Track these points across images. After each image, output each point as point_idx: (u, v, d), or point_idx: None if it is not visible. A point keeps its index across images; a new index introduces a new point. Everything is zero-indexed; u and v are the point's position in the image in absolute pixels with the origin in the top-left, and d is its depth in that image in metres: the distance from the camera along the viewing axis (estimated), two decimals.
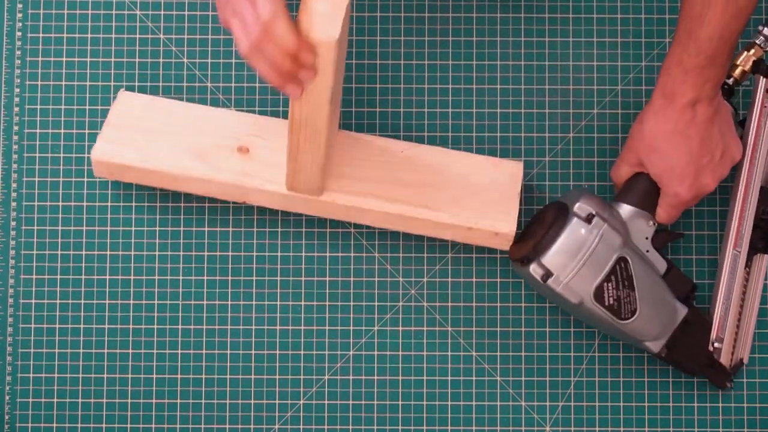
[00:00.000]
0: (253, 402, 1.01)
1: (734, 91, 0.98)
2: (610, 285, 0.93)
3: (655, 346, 0.95)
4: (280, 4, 0.79)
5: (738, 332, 0.99)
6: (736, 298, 0.98)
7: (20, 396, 1.01)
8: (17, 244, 1.02)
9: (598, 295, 0.93)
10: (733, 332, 0.99)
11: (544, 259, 0.92)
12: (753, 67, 0.98)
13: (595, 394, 1.01)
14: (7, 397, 1.01)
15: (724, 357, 0.98)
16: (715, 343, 0.97)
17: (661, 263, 0.96)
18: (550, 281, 0.92)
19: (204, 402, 1.01)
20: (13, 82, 1.03)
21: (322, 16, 0.81)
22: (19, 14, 1.04)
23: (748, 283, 0.99)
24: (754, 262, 0.99)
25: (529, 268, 0.93)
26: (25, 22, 1.04)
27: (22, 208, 1.02)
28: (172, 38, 1.03)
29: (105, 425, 1.01)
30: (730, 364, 0.98)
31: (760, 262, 0.99)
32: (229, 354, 1.01)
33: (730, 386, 0.98)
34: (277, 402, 1.01)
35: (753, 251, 0.99)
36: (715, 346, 0.97)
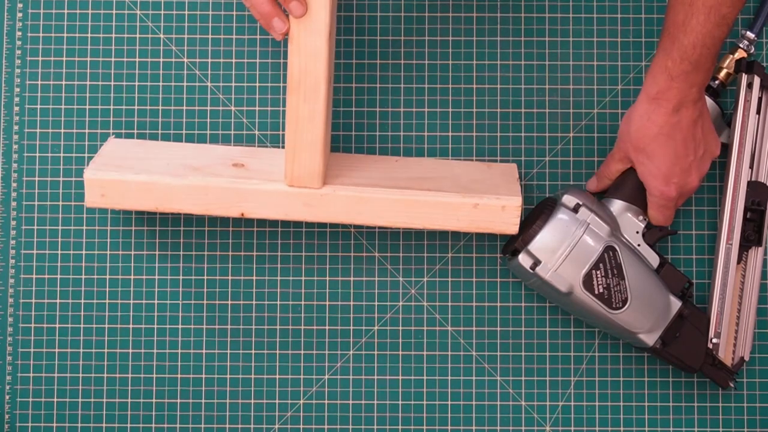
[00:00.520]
0: (253, 402, 1.01)
1: (720, 92, 1.00)
2: (598, 273, 0.93)
3: (649, 339, 0.95)
4: None
5: (738, 330, 0.99)
6: (733, 293, 0.99)
7: (20, 396, 1.01)
8: (17, 244, 1.02)
9: (588, 283, 0.93)
10: (733, 329, 0.99)
11: (531, 248, 0.93)
12: (735, 66, 0.99)
13: (595, 394, 1.01)
14: (7, 397, 1.01)
15: (724, 354, 0.98)
16: (714, 339, 0.97)
17: (654, 258, 0.96)
18: (538, 269, 0.93)
19: (204, 402, 1.01)
20: (13, 82, 1.03)
21: None
22: (19, 14, 1.04)
23: (746, 278, 0.99)
24: (750, 255, 0.99)
25: (518, 259, 0.94)
26: (25, 22, 1.04)
27: (22, 208, 1.02)
28: (172, 38, 1.03)
29: (105, 425, 1.01)
30: (732, 363, 0.98)
31: (756, 255, 0.99)
32: (229, 354, 1.01)
33: (732, 385, 0.98)
34: (277, 402, 1.01)
35: (747, 244, 0.99)
36: (713, 342, 0.97)
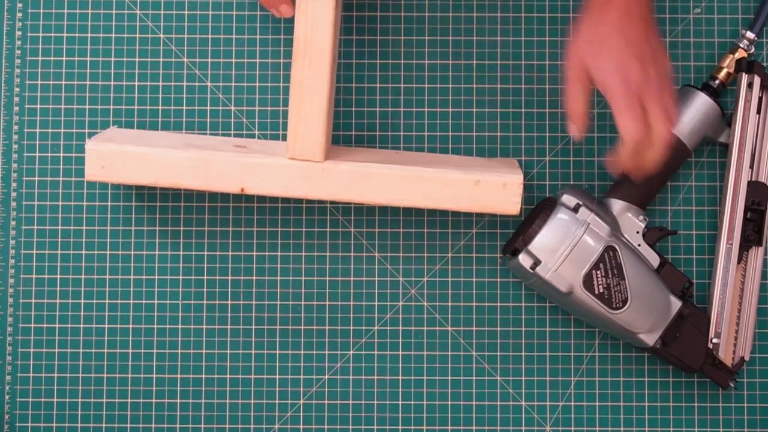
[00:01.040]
0: (253, 402, 1.01)
1: (720, 93, 1.00)
2: (599, 273, 0.93)
3: (649, 339, 0.95)
4: None
5: (738, 329, 0.99)
6: (734, 293, 0.99)
7: (20, 396, 1.01)
8: (17, 244, 1.02)
9: (588, 283, 0.93)
10: (734, 329, 0.99)
11: (532, 248, 0.93)
12: (735, 66, 0.99)
13: (595, 394, 1.01)
14: (7, 397, 1.01)
15: (725, 354, 0.98)
16: (714, 339, 0.97)
17: (654, 258, 0.96)
18: (538, 269, 0.93)
19: (204, 402, 1.01)
20: (13, 82, 1.03)
21: None
22: (19, 14, 1.04)
23: (746, 278, 0.99)
24: (750, 255, 0.99)
25: (518, 259, 0.94)
26: (25, 22, 1.04)
27: (22, 208, 1.02)
28: (172, 38, 1.03)
29: (105, 425, 1.01)
30: (732, 363, 0.98)
31: (756, 255, 0.99)
32: (229, 354, 1.01)
33: (732, 385, 0.98)
34: (277, 402, 1.01)
35: (747, 244, 0.99)
36: (713, 342, 0.97)
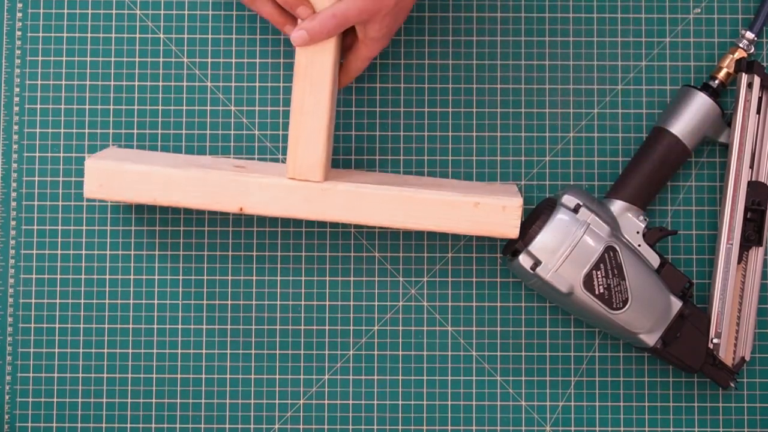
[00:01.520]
0: (253, 402, 1.01)
1: (720, 93, 1.00)
2: (599, 273, 0.93)
3: (649, 339, 0.95)
4: None
5: (738, 329, 0.99)
6: (734, 293, 0.99)
7: (20, 396, 1.01)
8: (17, 244, 1.02)
9: (588, 284, 0.93)
10: (734, 329, 0.99)
11: (532, 248, 0.93)
12: (735, 66, 0.99)
13: (595, 394, 1.01)
14: (7, 397, 1.01)
15: (725, 354, 0.98)
16: (714, 339, 0.97)
17: (654, 258, 0.96)
18: (539, 270, 0.93)
19: (204, 402, 1.01)
20: (13, 82, 1.03)
21: None
22: (19, 14, 1.04)
23: (746, 278, 0.99)
24: (750, 255, 0.99)
25: (518, 260, 0.94)
26: (25, 22, 1.04)
27: (22, 208, 1.02)
28: (172, 38, 1.03)
29: (105, 425, 1.01)
30: (732, 363, 0.98)
31: (756, 256, 0.99)
32: (229, 354, 1.01)
33: (733, 385, 0.98)
34: (277, 402, 1.01)
35: (747, 244, 0.99)
36: (714, 342, 0.97)
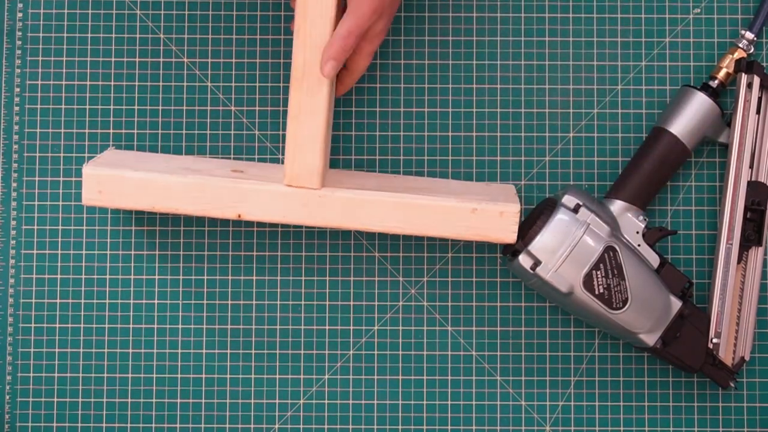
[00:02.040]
0: (253, 402, 1.01)
1: (720, 93, 1.00)
2: (599, 273, 0.93)
3: (649, 339, 0.95)
4: None
5: (738, 329, 0.99)
6: (734, 293, 0.99)
7: (20, 396, 1.01)
8: (17, 244, 1.02)
9: (588, 283, 0.93)
10: (734, 329, 0.99)
11: (532, 248, 0.93)
12: (735, 66, 0.99)
13: (595, 394, 1.01)
14: (7, 397, 1.01)
15: (725, 354, 0.98)
16: (714, 339, 0.97)
17: (654, 258, 0.96)
18: (539, 270, 0.93)
19: (204, 402, 1.01)
20: (13, 82, 1.03)
21: None
22: (19, 14, 1.04)
23: (746, 278, 0.99)
24: (750, 255, 0.99)
25: (518, 260, 0.94)
26: (25, 22, 1.04)
27: (22, 208, 1.02)
28: (172, 38, 1.03)
29: (105, 425, 1.01)
30: (732, 363, 0.98)
31: (756, 255, 0.99)
32: (229, 354, 1.01)
33: (732, 385, 0.98)
34: (277, 402, 1.01)
35: (747, 244, 0.99)
36: (714, 342, 0.97)
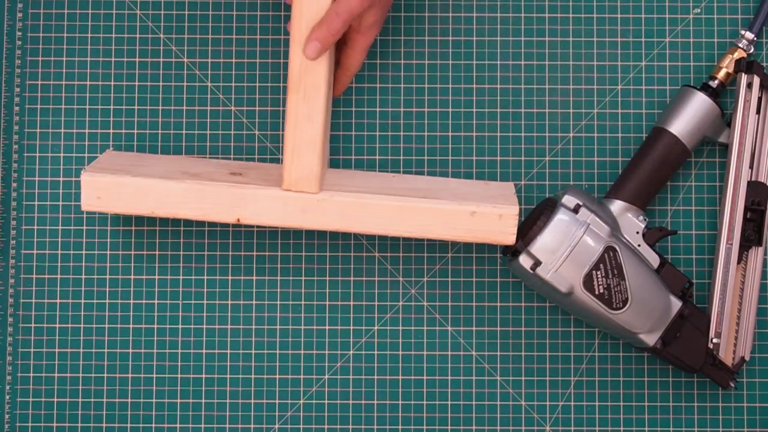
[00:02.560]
0: (253, 402, 1.01)
1: (720, 93, 1.00)
2: (599, 273, 0.93)
3: (649, 339, 0.95)
4: None
5: (738, 329, 0.99)
6: (734, 293, 0.99)
7: (20, 396, 1.01)
8: (17, 244, 1.02)
9: (588, 284, 0.93)
10: (734, 329, 0.99)
11: (532, 249, 0.93)
12: (735, 66, 0.99)
13: (595, 394, 1.01)
14: (7, 397, 1.01)
15: (725, 354, 0.98)
16: (714, 339, 0.97)
17: (654, 258, 0.96)
18: (539, 270, 0.93)
19: (204, 402, 1.01)
20: (13, 82, 1.03)
21: None
22: (19, 14, 1.04)
23: (746, 278, 0.99)
24: (750, 255, 0.99)
25: (518, 260, 0.94)
26: (25, 22, 1.04)
27: (23, 208, 1.02)
28: (172, 38, 1.03)
29: (105, 425, 1.01)
30: (732, 362, 0.98)
31: (756, 255, 0.99)
32: (229, 354, 1.01)
33: (732, 385, 0.98)
34: (277, 402, 1.01)
35: (747, 244, 0.99)
36: (714, 342, 0.97)
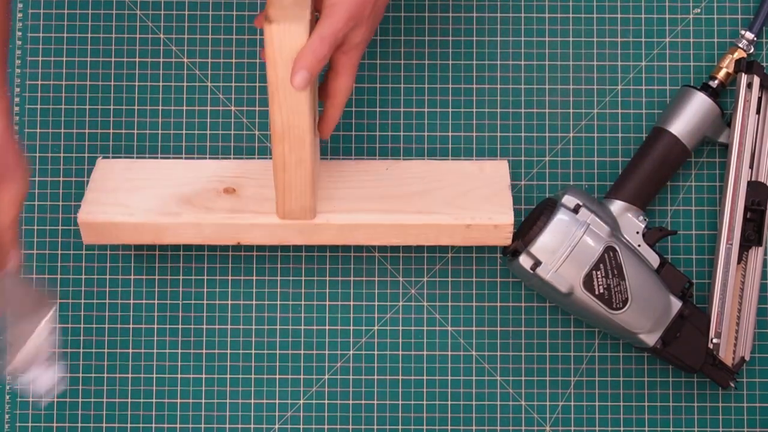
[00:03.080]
0: (253, 402, 1.01)
1: (720, 93, 1.00)
2: (599, 273, 0.93)
3: (649, 339, 0.95)
4: None
5: (738, 329, 0.99)
6: (734, 293, 0.99)
7: (20, 396, 1.01)
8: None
9: (588, 284, 0.93)
10: (734, 329, 0.99)
11: (532, 249, 0.93)
12: (735, 66, 0.99)
13: (595, 394, 1.01)
14: (7, 397, 1.01)
15: (725, 354, 0.98)
16: (714, 339, 0.97)
17: (654, 258, 0.96)
18: (539, 270, 0.93)
19: (204, 402, 1.01)
20: (14, 82, 1.03)
21: (285, 8, 0.82)
22: (19, 14, 1.04)
23: (746, 278, 0.99)
24: (750, 255, 0.99)
25: (518, 260, 0.94)
26: (25, 22, 1.04)
27: (23, 208, 1.02)
28: (172, 38, 1.03)
29: (105, 425, 1.01)
30: (732, 363, 0.98)
31: (756, 255, 0.99)
32: (229, 354, 1.01)
33: (732, 385, 0.98)
34: (277, 402, 1.01)
35: (747, 244, 0.99)
36: (714, 342, 0.97)
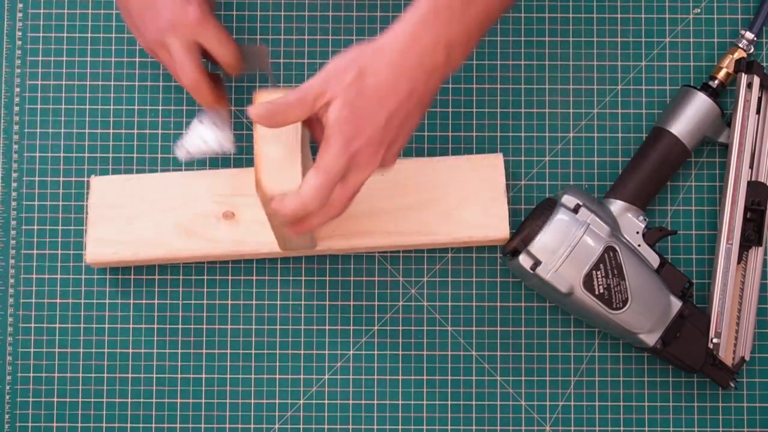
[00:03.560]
0: (253, 402, 1.01)
1: (720, 93, 1.00)
2: (599, 273, 0.93)
3: (649, 339, 0.95)
4: None
5: (738, 329, 0.99)
6: (734, 293, 0.99)
7: (20, 396, 1.01)
8: (17, 244, 1.02)
9: (588, 284, 0.93)
10: (734, 329, 0.99)
11: (532, 248, 0.93)
12: (735, 66, 1.00)
13: (595, 394, 1.01)
14: (7, 397, 1.01)
15: (725, 354, 0.98)
16: (714, 339, 0.97)
17: (654, 258, 0.96)
18: (538, 270, 0.93)
19: (204, 402, 1.01)
20: (13, 82, 1.03)
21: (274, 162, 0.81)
22: (19, 14, 1.04)
23: (746, 278, 0.99)
24: (750, 255, 0.99)
25: (518, 260, 0.94)
26: (25, 22, 1.04)
27: (23, 208, 1.02)
28: None
29: (105, 425, 1.01)
30: (732, 362, 0.98)
31: (756, 255, 0.99)
32: (229, 354, 1.01)
33: (732, 385, 0.98)
34: (277, 402, 1.01)
35: (747, 244, 0.99)
36: (714, 342, 0.97)
